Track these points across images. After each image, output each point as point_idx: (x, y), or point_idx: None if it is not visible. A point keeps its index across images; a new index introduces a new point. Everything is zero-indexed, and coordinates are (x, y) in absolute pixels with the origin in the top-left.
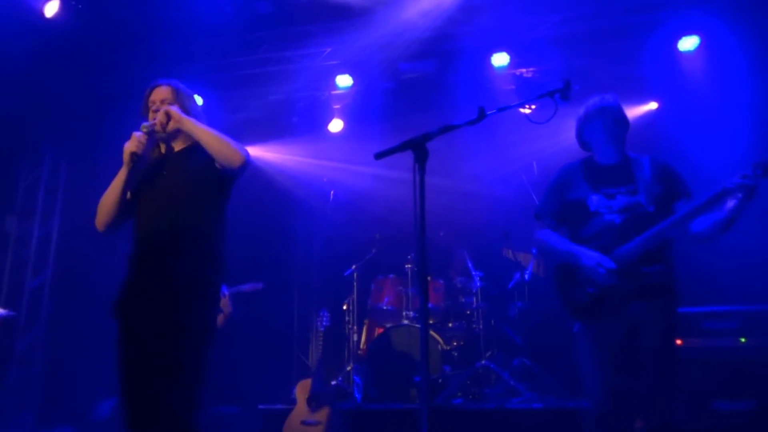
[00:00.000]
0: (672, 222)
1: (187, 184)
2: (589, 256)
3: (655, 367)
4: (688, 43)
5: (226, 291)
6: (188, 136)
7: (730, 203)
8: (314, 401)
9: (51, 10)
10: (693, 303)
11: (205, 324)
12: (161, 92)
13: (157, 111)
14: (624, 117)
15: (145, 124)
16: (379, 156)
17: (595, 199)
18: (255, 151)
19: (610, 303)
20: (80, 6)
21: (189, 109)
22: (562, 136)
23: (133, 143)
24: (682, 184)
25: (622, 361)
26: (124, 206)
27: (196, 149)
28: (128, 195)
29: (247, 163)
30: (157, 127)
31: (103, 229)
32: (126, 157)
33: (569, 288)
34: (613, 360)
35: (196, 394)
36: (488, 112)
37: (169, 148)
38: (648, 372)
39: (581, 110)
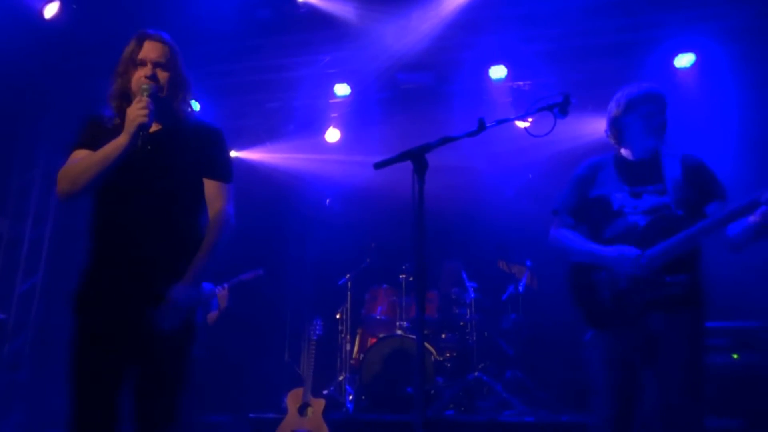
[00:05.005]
0: (701, 228)
1: (182, 170)
2: (611, 249)
3: (677, 386)
4: (684, 60)
5: (225, 284)
6: (179, 105)
7: (761, 212)
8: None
9: (50, 11)
10: None
11: (190, 326)
12: (156, 48)
13: (152, 77)
14: (660, 107)
15: (144, 86)
16: (378, 166)
17: (619, 197)
18: (250, 156)
19: (629, 311)
20: (78, 8)
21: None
22: (557, 148)
23: (143, 110)
24: (716, 185)
25: (634, 375)
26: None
27: (193, 129)
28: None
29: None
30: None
31: (68, 197)
32: (133, 128)
33: (585, 291)
34: (625, 373)
35: (181, 400)
36: (488, 125)
37: (156, 118)
38: (669, 392)
39: (619, 96)
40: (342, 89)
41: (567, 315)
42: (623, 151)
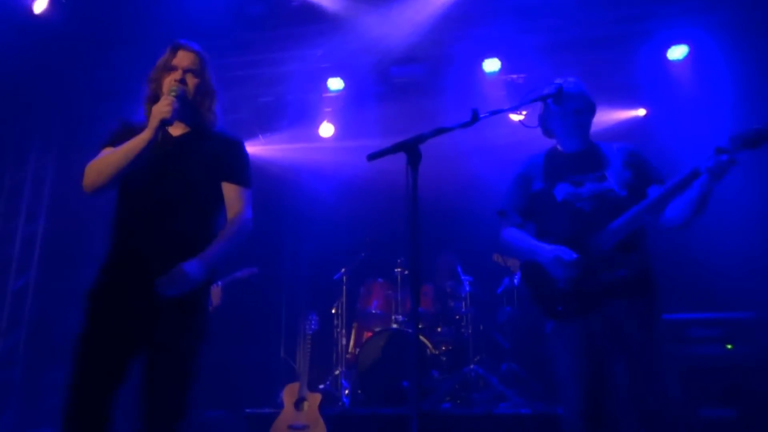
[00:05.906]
0: (648, 204)
1: (200, 171)
2: (548, 250)
3: (644, 370)
4: (678, 52)
5: (219, 282)
6: (205, 112)
7: (701, 181)
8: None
9: (40, 6)
10: (679, 310)
11: (204, 323)
12: (188, 57)
13: (182, 82)
14: (585, 104)
15: (173, 87)
16: (371, 157)
17: (562, 188)
18: None
19: (587, 298)
20: (69, 3)
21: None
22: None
23: (167, 107)
24: (653, 170)
25: (601, 363)
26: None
27: (215, 135)
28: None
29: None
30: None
31: (93, 192)
32: (156, 122)
33: (540, 285)
34: (591, 362)
35: (190, 395)
36: (481, 115)
37: (181, 119)
38: (637, 375)
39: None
40: (335, 83)
41: None
42: (558, 145)
